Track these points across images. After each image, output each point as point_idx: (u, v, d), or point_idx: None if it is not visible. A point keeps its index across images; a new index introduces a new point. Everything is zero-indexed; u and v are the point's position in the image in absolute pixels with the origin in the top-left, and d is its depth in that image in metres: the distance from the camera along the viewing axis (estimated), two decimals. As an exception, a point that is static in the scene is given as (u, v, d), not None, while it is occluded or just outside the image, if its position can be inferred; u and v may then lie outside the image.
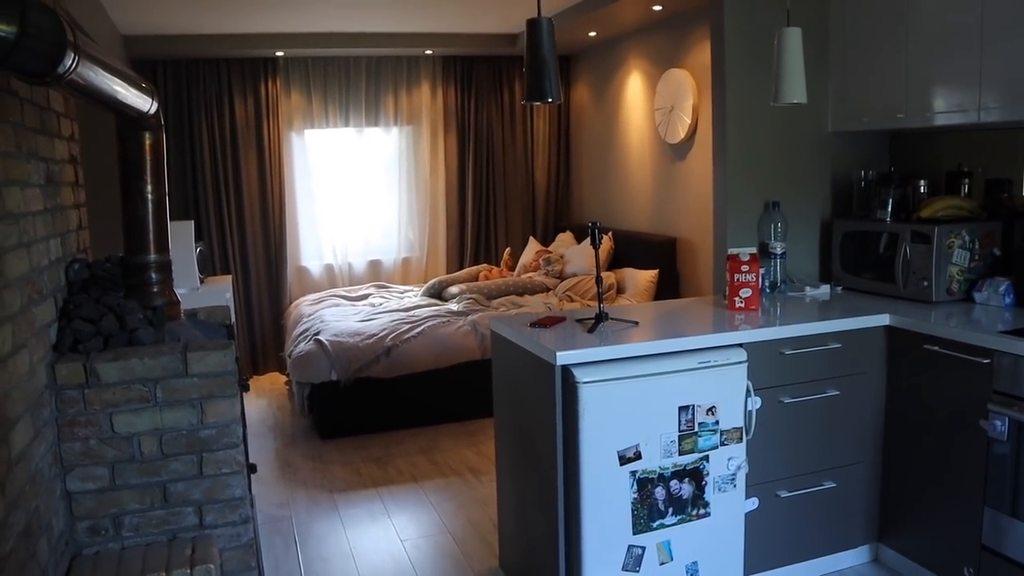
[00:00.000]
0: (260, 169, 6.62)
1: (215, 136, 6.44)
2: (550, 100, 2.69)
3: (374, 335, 5.17)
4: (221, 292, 5.52)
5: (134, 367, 2.67)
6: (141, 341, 2.82)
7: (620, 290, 5.85)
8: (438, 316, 5.49)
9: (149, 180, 3.06)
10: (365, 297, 6.44)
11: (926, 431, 3.06)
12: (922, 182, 3.61)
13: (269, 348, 6.77)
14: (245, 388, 3.06)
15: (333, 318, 5.61)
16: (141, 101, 2.85)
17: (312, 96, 6.78)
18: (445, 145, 7.21)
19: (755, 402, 2.91)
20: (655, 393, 2.68)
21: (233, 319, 5.41)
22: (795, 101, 3.11)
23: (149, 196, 3.07)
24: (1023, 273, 3.22)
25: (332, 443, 5.05)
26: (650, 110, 6.08)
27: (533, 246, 7.02)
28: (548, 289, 6.25)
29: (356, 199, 7.05)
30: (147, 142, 3.05)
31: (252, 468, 3.28)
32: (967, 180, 3.59)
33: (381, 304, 6.12)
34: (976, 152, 3.59)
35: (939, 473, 3.02)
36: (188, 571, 2.59)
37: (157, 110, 3.09)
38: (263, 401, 5.99)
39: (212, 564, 2.62)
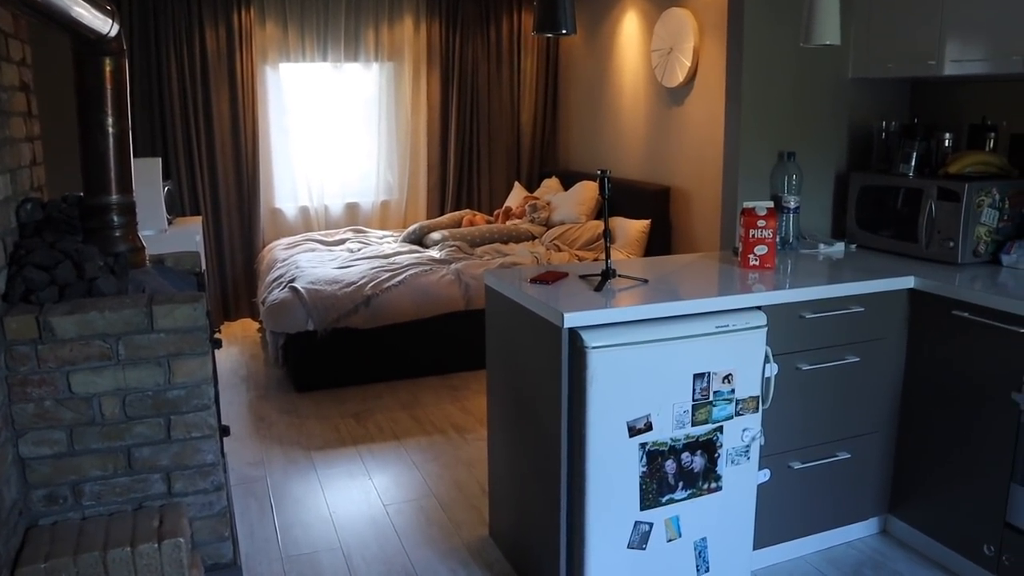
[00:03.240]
0: (232, 104, 6.24)
1: (184, 68, 6.03)
2: (564, 32, 2.42)
3: (353, 283, 4.91)
4: (191, 235, 5.21)
5: (93, 321, 2.40)
6: (101, 292, 2.54)
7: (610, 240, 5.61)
8: (420, 264, 5.23)
9: (110, 112, 2.75)
10: (342, 242, 6.15)
11: (950, 402, 2.88)
12: (948, 135, 3.38)
13: (241, 293, 6.47)
14: (217, 345, 2.81)
15: (309, 264, 5.33)
16: (100, 22, 2.53)
17: (288, 28, 6.39)
18: (428, 83, 6.86)
19: (773, 369, 2.70)
20: (669, 360, 2.46)
21: (204, 264, 5.12)
22: (828, 42, 2.85)
23: (110, 129, 2.76)
24: (1053, 235, 3.02)
25: (308, 396, 4.81)
26: (646, 52, 5.78)
27: (518, 191, 6.74)
28: (534, 237, 6.00)
29: (334, 138, 6.71)
30: (107, 69, 2.73)
31: (225, 431, 3.04)
32: (992, 135, 3.36)
33: (359, 250, 5.84)
34: (1000, 105, 3.36)
35: (961, 446, 2.84)
36: (156, 545, 2.37)
37: (119, 33, 2.76)
38: (235, 349, 5.72)
39: (182, 537, 2.39)
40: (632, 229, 5.46)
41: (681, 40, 5.27)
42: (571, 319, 2.37)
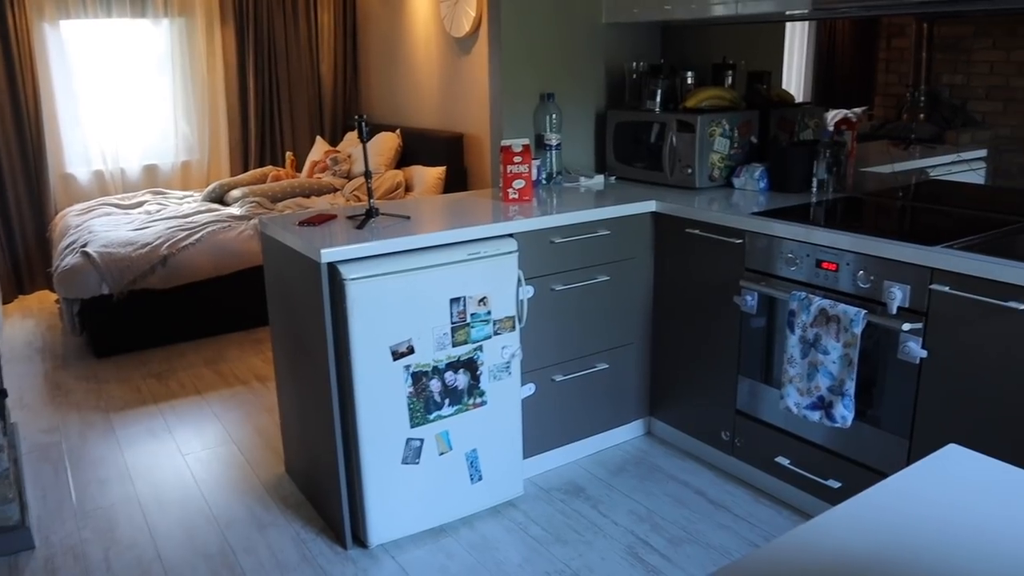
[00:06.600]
0: (8, 66, 5.89)
1: (-52, 28, 5.66)
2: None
3: (148, 244, 4.85)
4: (-33, 204, 4.96)
5: None
6: None
7: (408, 188, 5.76)
8: (219, 221, 5.21)
9: None
10: (140, 204, 5.99)
11: (689, 310, 3.24)
12: (689, 73, 3.72)
13: (35, 265, 6.20)
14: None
15: (103, 228, 5.19)
16: None
17: (64, -18, 6.09)
18: (223, 39, 6.71)
19: (527, 291, 2.96)
20: (425, 287, 2.66)
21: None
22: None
23: None
24: (776, 159, 3.41)
25: (109, 361, 4.74)
26: (435, 3, 5.91)
27: (321, 146, 6.77)
28: (336, 190, 6.06)
29: (127, 99, 6.47)
30: None
31: (2, 393, 3.02)
32: (731, 72, 3.73)
33: (158, 211, 5.72)
34: (740, 46, 3.73)
35: (701, 348, 3.22)
36: (-77, 507, 2.37)
37: None
38: (30, 322, 5.52)
39: (-48, 497, 2.41)
40: (429, 176, 5.62)
41: (465, -10, 5.44)
42: (328, 254, 2.53)
